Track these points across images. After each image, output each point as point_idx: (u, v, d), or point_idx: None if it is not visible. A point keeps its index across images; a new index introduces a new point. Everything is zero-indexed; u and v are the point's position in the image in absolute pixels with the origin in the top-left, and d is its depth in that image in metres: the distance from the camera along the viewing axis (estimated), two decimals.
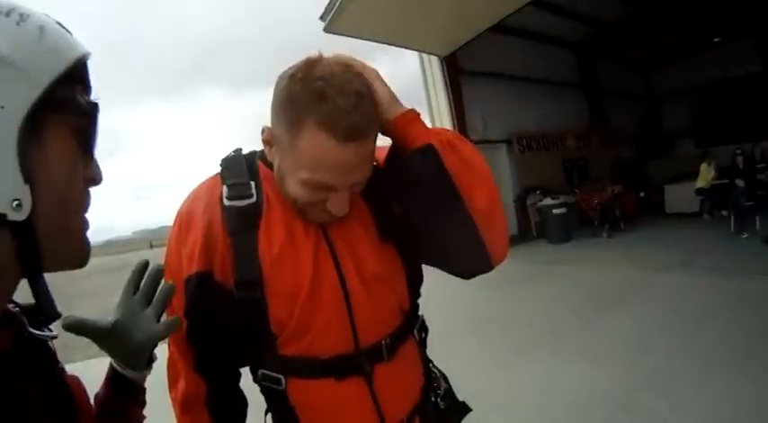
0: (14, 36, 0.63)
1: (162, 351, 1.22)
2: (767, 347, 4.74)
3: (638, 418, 3.92)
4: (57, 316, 0.78)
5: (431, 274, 1.45)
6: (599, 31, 16.78)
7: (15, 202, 0.62)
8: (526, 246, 13.75)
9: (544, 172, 15.65)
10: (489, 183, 1.22)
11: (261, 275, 1.17)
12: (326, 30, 10.58)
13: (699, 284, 7.40)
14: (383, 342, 1.27)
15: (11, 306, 0.79)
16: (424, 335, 1.49)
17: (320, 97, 1.03)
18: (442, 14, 10.97)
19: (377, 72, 1.20)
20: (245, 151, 1.38)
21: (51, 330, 0.84)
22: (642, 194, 16.44)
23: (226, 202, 1.21)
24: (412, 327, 1.41)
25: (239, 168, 1.28)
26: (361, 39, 11.63)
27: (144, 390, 1.12)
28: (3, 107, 0.60)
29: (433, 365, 1.55)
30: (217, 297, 1.19)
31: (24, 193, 0.63)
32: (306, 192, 1.13)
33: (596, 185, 15.00)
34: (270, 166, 1.25)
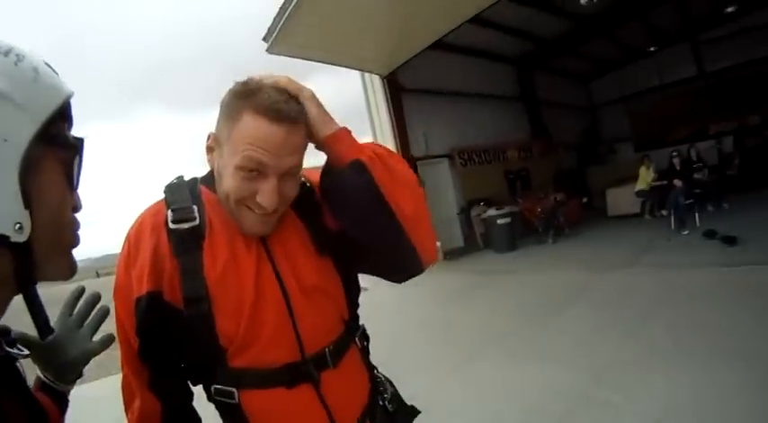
0: (14, 75, 0.70)
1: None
2: (708, 333, 5.02)
3: (593, 409, 4.05)
4: (50, 331, 0.83)
5: (381, 292, 1.56)
6: (538, 45, 17.20)
7: (17, 226, 0.69)
8: (472, 257, 13.90)
9: (487, 184, 15.92)
10: (416, 190, 1.36)
11: (207, 292, 1.23)
12: (269, 51, 10.66)
13: (643, 280, 7.69)
14: (327, 349, 1.34)
15: None
16: (366, 343, 1.56)
17: (257, 91, 1.21)
18: (381, 34, 11.26)
19: (312, 93, 1.32)
20: (187, 176, 1.48)
21: (22, 350, 0.89)
22: (585, 200, 16.85)
23: (171, 226, 1.27)
24: (353, 335, 1.48)
25: (182, 193, 1.35)
26: (303, 59, 11.73)
27: (68, 401, 1.22)
28: (6, 140, 0.68)
29: (378, 371, 1.62)
30: (166, 315, 1.24)
31: (25, 217, 0.70)
32: (239, 182, 1.22)
33: (539, 194, 15.29)
34: (212, 189, 1.37)
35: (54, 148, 0.77)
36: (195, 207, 1.32)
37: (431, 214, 1.48)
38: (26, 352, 0.90)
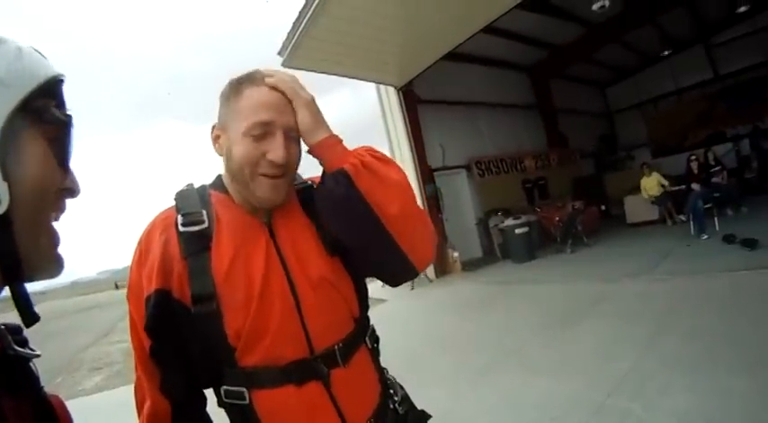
0: None
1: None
2: (729, 340, 4.92)
3: (611, 420, 3.98)
4: (36, 319, 0.81)
5: (399, 302, 1.55)
6: (551, 52, 17.20)
7: None
8: (491, 267, 13.80)
9: (504, 194, 15.86)
10: (403, 192, 1.34)
11: (214, 290, 1.27)
12: (284, 65, 10.79)
13: (661, 289, 7.56)
14: (336, 347, 1.36)
15: None
16: (375, 344, 1.57)
17: (254, 73, 1.38)
18: (395, 46, 11.34)
19: (308, 100, 1.36)
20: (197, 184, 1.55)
21: (34, 350, 0.87)
22: (603, 208, 16.66)
23: (181, 229, 1.33)
24: (363, 334, 1.50)
25: (191, 199, 1.42)
26: (319, 72, 11.87)
27: None
28: None
29: (388, 373, 1.64)
30: (176, 313, 1.29)
31: (3, 189, 0.69)
32: (249, 146, 1.31)
33: (557, 203, 15.19)
34: (221, 191, 1.47)
35: (38, 123, 0.77)
36: (204, 211, 1.38)
37: (449, 224, 1.49)
38: (38, 352, 0.88)
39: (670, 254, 9.95)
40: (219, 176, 1.51)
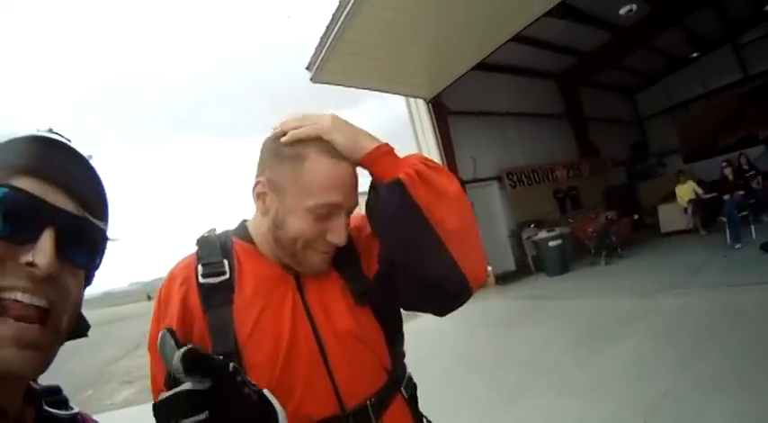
0: None
1: None
2: (762, 359, 4.74)
3: None
4: None
5: (427, 318, 1.49)
6: (579, 59, 17.00)
7: None
8: (524, 281, 13.69)
9: (537, 205, 15.68)
10: (461, 206, 1.29)
11: (237, 347, 1.21)
12: (313, 80, 10.90)
13: (698, 303, 7.37)
14: (368, 402, 1.29)
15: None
16: (413, 392, 1.50)
17: (316, 136, 1.29)
18: (424, 59, 11.36)
19: (329, 124, 1.29)
20: (220, 228, 1.49)
21: (72, 408, 0.85)
22: (636, 217, 16.39)
23: (201, 280, 1.28)
24: (398, 386, 1.43)
25: (213, 248, 1.37)
26: (347, 86, 12.00)
27: None
28: None
29: (428, 421, 1.55)
30: None
31: None
32: (310, 223, 1.25)
33: (590, 213, 15.06)
34: (246, 240, 1.40)
35: None
36: (226, 261, 1.33)
37: (481, 237, 1.39)
38: (73, 411, 0.84)
39: (705, 265, 9.74)
40: (244, 223, 1.47)
